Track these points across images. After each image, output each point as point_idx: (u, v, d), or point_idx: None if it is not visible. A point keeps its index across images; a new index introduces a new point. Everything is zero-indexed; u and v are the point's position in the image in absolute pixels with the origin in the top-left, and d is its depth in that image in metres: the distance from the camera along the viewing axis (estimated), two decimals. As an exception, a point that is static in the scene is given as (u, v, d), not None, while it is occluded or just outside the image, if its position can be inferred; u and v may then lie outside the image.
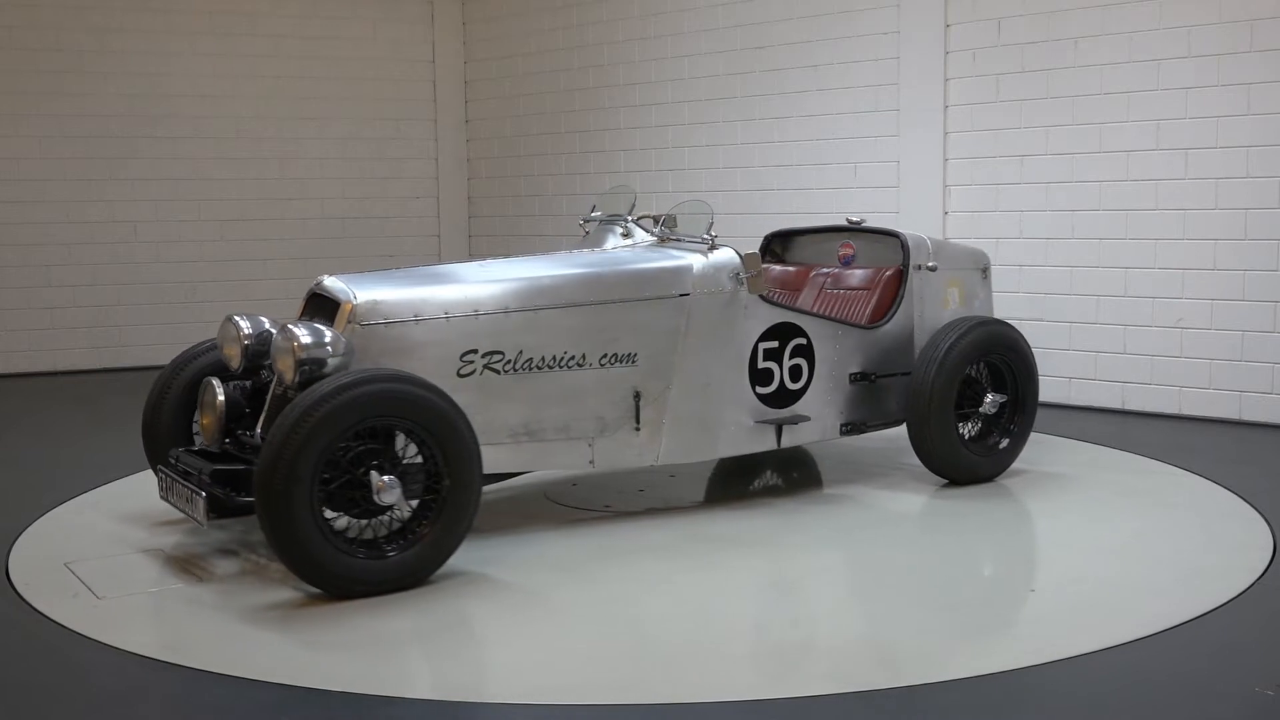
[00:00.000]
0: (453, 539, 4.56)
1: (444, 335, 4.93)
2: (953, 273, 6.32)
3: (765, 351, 5.62)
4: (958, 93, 8.34)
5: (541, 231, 10.91)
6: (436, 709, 3.56)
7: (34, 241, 10.11)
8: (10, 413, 8.58)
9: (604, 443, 5.29)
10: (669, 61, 9.94)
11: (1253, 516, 5.39)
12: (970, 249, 6.70)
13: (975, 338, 5.90)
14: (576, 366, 5.19)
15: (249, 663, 3.86)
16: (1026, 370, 6.11)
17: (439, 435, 4.48)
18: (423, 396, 4.46)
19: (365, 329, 4.80)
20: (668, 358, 5.39)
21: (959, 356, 5.83)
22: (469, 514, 4.58)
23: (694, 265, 5.47)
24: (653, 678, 3.75)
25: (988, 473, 6.00)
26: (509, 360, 5.05)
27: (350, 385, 4.35)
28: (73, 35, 10.13)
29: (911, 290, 6.13)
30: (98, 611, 4.34)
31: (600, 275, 5.34)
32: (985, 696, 3.57)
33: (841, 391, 5.88)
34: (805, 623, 4.32)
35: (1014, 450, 6.14)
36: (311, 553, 4.28)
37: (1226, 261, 7.39)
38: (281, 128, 10.90)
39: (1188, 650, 3.92)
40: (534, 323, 5.10)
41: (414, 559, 4.47)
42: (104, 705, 3.66)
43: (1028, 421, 6.16)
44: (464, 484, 4.55)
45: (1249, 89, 7.21)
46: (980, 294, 6.50)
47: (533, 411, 5.12)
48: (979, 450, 5.99)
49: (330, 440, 4.29)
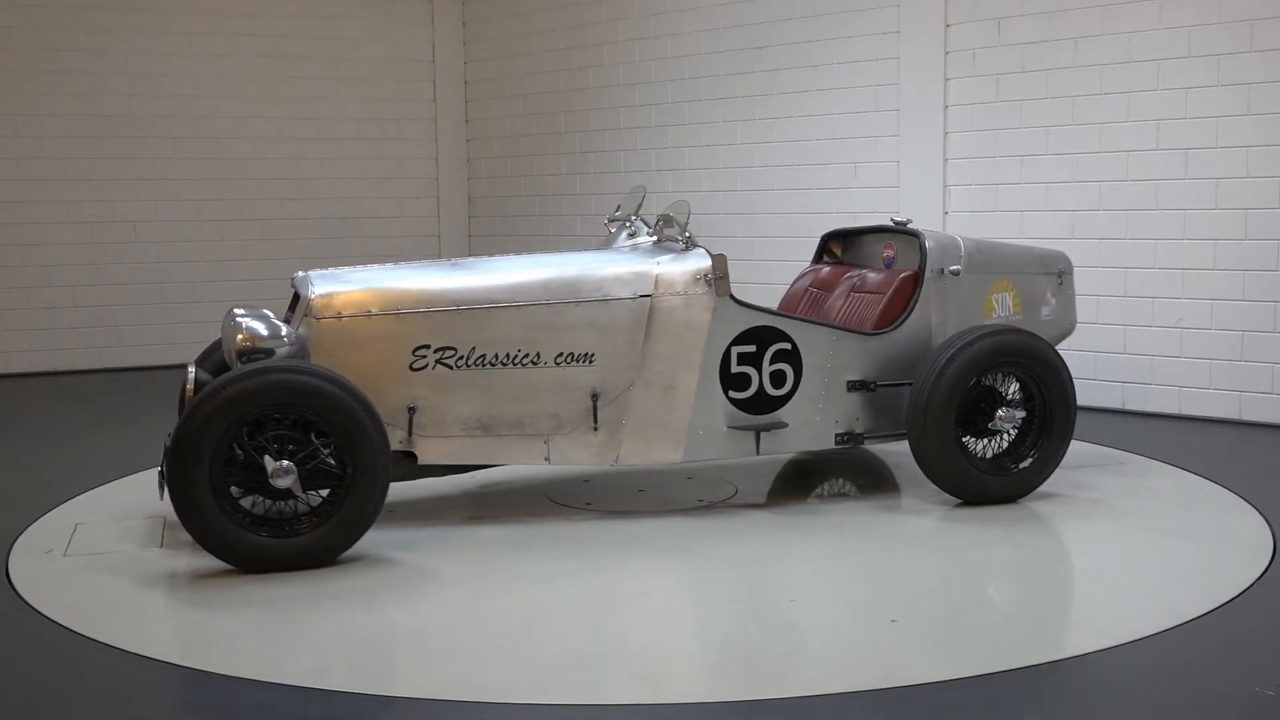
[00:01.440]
0: (359, 523, 4.79)
1: (396, 330, 5.18)
2: (1004, 277, 6.00)
3: (740, 356, 5.46)
4: (958, 93, 8.34)
5: (542, 231, 10.91)
6: (437, 709, 3.56)
7: (34, 241, 10.11)
8: (10, 413, 8.58)
9: (560, 440, 5.36)
10: (669, 61, 9.94)
11: (1253, 516, 5.39)
12: (1040, 252, 6.33)
13: (982, 348, 5.52)
14: (531, 365, 5.30)
15: (247, 662, 3.86)
16: (1057, 386, 5.65)
17: (338, 424, 4.70)
18: (318, 386, 4.68)
19: (320, 322, 5.12)
20: (627, 359, 5.37)
21: (960, 367, 5.48)
22: (374, 499, 4.79)
23: (657, 267, 5.45)
24: (571, 678, 3.76)
25: (1001, 495, 5.60)
26: (461, 356, 5.22)
27: (249, 374, 4.65)
28: (73, 35, 10.13)
29: (928, 295, 5.80)
30: (97, 610, 4.34)
31: (559, 276, 5.41)
32: (985, 696, 3.57)
33: (838, 400, 5.64)
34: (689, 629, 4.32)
35: (1037, 473, 5.69)
36: (214, 528, 4.61)
37: (1226, 261, 7.39)
38: (281, 128, 10.90)
39: (1188, 650, 3.92)
40: (487, 320, 5.26)
41: (320, 540, 4.74)
42: (104, 705, 3.66)
43: (1055, 443, 5.67)
44: (366, 471, 4.74)
45: (1249, 89, 7.22)
46: (1052, 301, 6.16)
47: (487, 407, 5.27)
48: (990, 469, 5.62)
49: (229, 425, 4.59)
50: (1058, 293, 6.22)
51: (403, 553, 4.99)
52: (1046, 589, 4.61)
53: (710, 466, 6.18)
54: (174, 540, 5.16)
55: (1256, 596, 4.38)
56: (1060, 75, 7.88)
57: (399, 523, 5.38)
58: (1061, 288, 6.25)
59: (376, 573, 4.76)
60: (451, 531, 5.31)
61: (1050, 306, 6.18)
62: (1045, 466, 5.70)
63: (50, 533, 5.36)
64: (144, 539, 5.22)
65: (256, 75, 10.77)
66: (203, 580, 4.70)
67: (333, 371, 4.81)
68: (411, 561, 4.91)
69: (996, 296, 6.00)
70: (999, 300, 6.01)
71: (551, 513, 5.62)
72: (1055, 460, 5.72)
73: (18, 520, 5.49)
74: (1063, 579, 4.70)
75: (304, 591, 4.53)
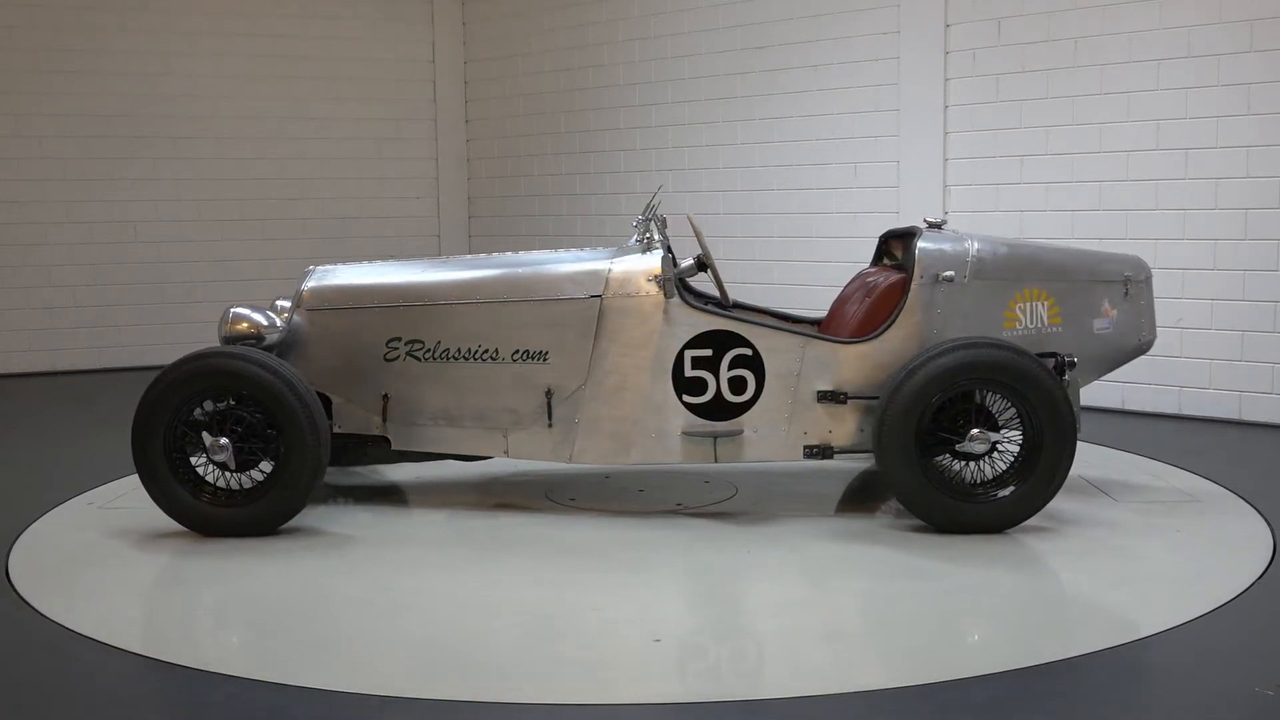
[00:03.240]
0: (295, 497, 5.19)
1: (372, 323, 5.56)
2: (1035, 284, 5.43)
3: (695, 360, 5.33)
4: (958, 93, 8.34)
5: (542, 231, 10.91)
6: (438, 709, 3.56)
7: (34, 241, 10.11)
8: (10, 413, 8.58)
9: (518, 435, 5.49)
10: (669, 61, 9.94)
11: (1253, 516, 5.39)
12: (1097, 256, 5.75)
13: (945, 363, 5.06)
14: (490, 360, 5.48)
15: (248, 662, 3.86)
16: (1048, 410, 5.06)
17: (268, 404, 5.14)
18: (246, 369, 5.14)
19: (310, 313, 5.61)
20: (580, 358, 5.39)
21: (921, 382, 5.05)
22: (305, 476, 5.15)
23: (611, 268, 5.44)
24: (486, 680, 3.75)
25: (975, 524, 5.13)
26: (429, 349, 5.52)
27: (191, 359, 5.20)
28: (73, 35, 10.13)
29: (915, 303, 5.34)
30: (97, 610, 4.34)
31: (517, 274, 5.59)
32: (986, 696, 3.57)
33: (806, 410, 5.32)
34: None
35: (1018, 506, 5.14)
36: (167, 492, 5.19)
37: (1226, 261, 7.39)
38: (281, 128, 10.90)
39: (1188, 650, 3.92)
40: (451, 316, 5.52)
41: (259, 511, 5.19)
42: (104, 705, 3.66)
43: (1046, 472, 5.09)
44: (296, 448, 5.13)
45: (1249, 89, 7.22)
46: (1112, 313, 5.54)
47: (451, 398, 5.53)
48: (961, 495, 5.18)
49: (178, 403, 5.16)
50: (1122, 303, 5.56)
51: (425, 551, 4.99)
52: (1046, 589, 4.61)
53: (718, 469, 6.12)
54: (174, 540, 5.16)
55: (1256, 597, 4.38)
56: (1060, 75, 7.88)
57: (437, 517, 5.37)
58: (1129, 297, 5.59)
59: (381, 576, 4.76)
60: (457, 527, 5.33)
61: (1108, 319, 5.52)
62: (1029, 500, 5.14)
63: (50, 533, 5.37)
64: (144, 539, 5.21)
65: (256, 75, 10.77)
66: (203, 580, 4.70)
67: (267, 357, 5.23)
68: (429, 564, 4.90)
69: (1023, 306, 5.43)
70: (1027, 310, 5.43)
71: (525, 508, 5.63)
72: (1043, 494, 5.14)
73: (18, 520, 5.49)
74: (1062, 579, 4.70)
75: (304, 592, 4.53)
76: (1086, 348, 5.51)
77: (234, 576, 4.72)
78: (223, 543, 5.13)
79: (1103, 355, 5.63)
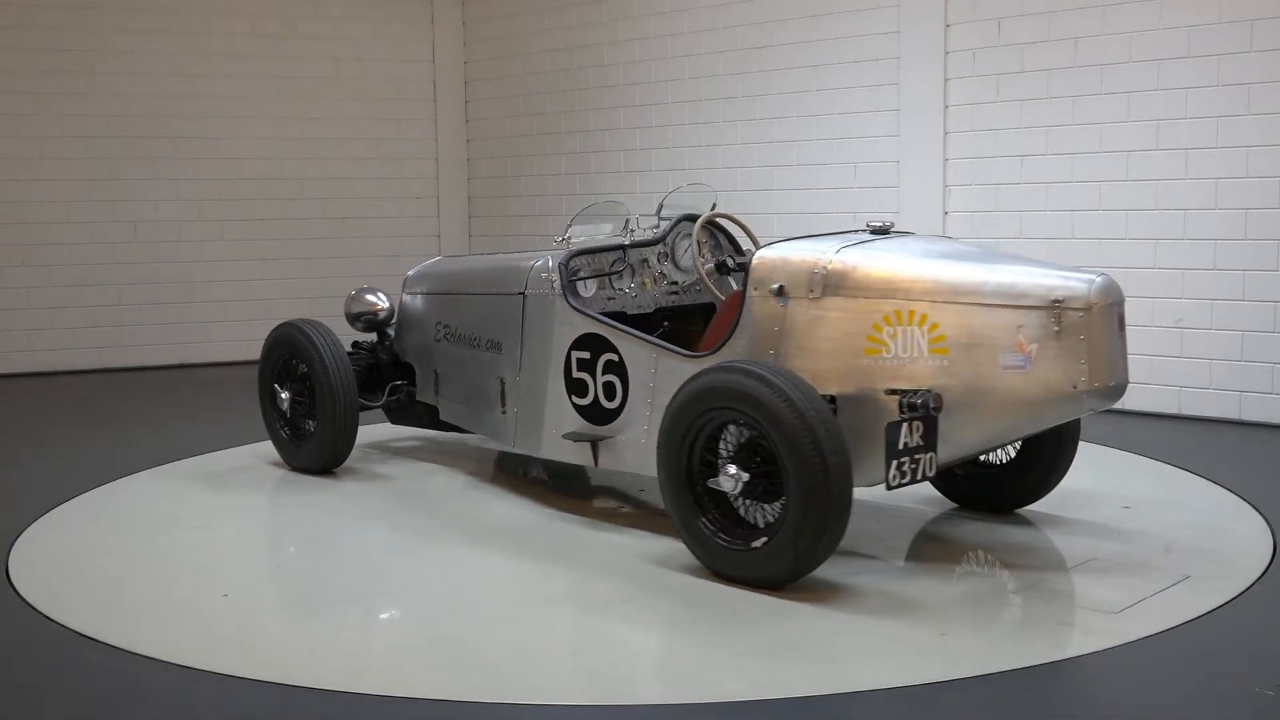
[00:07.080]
0: (331, 456, 6.19)
1: (427, 308, 6.44)
2: (912, 304, 4.35)
3: (579, 361, 5.30)
4: (958, 93, 8.34)
5: (542, 231, 10.89)
6: (438, 709, 3.56)
7: (34, 241, 10.11)
8: (10, 413, 8.58)
9: (489, 418, 5.91)
10: (669, 61, 9.94)
11: (1253, 516, 5.39)
12: (1030, 275, 4.28)
13: (689, 390, 4.50)
14: (474, 346, 6.01)
15: (248, 662, 3.86)
16: (789, 449, 4.13)
17: (307, 370, 6.20)
18: (292, 336, 6.26)
19: (409, 297, 6.60)
20: (515, 351, 5.68)
21: (674, 412, 4.54)
22: (337, 438, 6.13)
23: (532, 265, 5.66)
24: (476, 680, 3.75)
25: (730, 574, 4.43)
26: (452, 333, 6.19)
27: (274, 329, 6.40)
28: (73, 35, 10.13)
29: (749, 318, 4.69)
30: (97, 610, 4.35)
31: (491, 268, 6.08)
32: (986, 696, 3.57)
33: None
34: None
35: (769, 562, 4.27)
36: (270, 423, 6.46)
37: (1226, 261, 7.38)
38: (281, 127, 10.90)
39: (1188, 650, 3.92)
40: (452, 305, 6.24)
41: (310, 454, 6.26)
42: (104, 705, 3.66)
43: (794, 523, 4.16)
44: (324, 411, 6.12)
45: (1249, 89, 7.21)
46: (1029, 348, 4.18)
47: (463, 379, 6.11)
48: (723, 534, 4.48)
49: (269, 363, 6.49)
50: (1045, 338, 4.16)
51: (436, 548, 4.99)
52: (1045, 589, 4.60)
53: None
54: (175, 540, 5.16)
55: (1256, 596, 4.38)
56: (1060, 75, 7.88)
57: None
58: (1062, 331, 4.15)
59: (382, 576, 4.76)
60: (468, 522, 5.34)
61: (1022, 355, 4.18)
62: (779, 554, 4.24)
63: (49, 533, 5.37)
64: (144, 539, 5.22)
65: (256, 75, 10.77)
66: (204, 580, 4.70)
67: (319, 328, 6.20)
68: (449, 563, 4.91)
69: (893, 331, 4.39)
70: (898, 336, 4.37)
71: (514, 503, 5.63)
72: (813, 544, 4.18)
73: (18, 520, 5.50)
74: (1061, 579, 4.70)
75: (304, 593, 4.53)
76: (983, 389, 4.28)
77: (234, 576, 4.72)
78: (223, 543, 5.13)
79: (1014, 400, 4.25)
